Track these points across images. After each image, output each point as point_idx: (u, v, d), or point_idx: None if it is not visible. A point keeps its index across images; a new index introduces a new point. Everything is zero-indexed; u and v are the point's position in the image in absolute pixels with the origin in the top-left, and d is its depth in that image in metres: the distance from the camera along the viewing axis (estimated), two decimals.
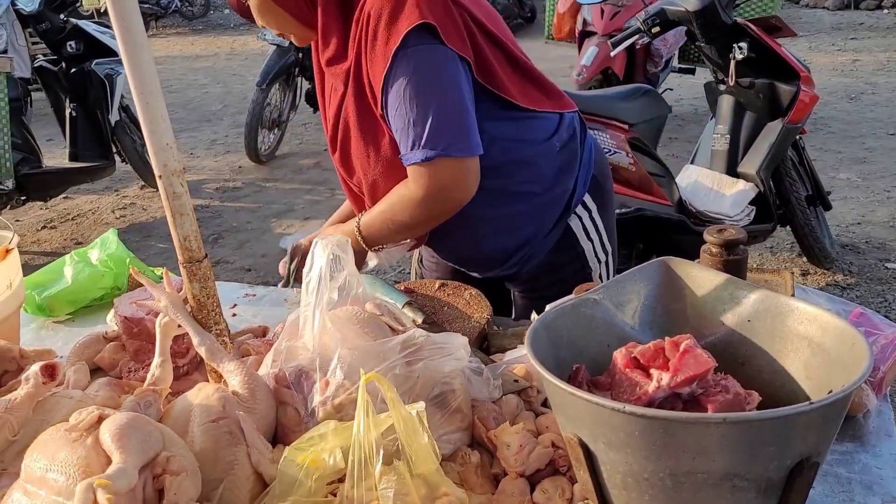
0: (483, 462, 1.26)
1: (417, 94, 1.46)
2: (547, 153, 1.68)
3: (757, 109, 3.68)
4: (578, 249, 1.80)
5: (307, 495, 1.07)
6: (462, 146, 1.49)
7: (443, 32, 1.45)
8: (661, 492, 0.81)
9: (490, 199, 1.64)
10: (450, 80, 1.48)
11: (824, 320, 0.93)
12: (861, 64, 8.73)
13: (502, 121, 1.61)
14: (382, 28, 1.46)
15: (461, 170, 1.52)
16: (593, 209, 1.80)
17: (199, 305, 1.30)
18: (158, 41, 13.52)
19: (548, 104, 1.68)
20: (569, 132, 1.72)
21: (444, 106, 1.47)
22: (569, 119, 1.74)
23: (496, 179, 1.64)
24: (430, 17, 1.44)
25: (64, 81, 5.23)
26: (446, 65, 1.47)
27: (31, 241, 5.23)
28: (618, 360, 0.92)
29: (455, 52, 1.47)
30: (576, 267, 1.81)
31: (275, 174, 6.23)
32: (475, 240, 1.75)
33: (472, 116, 1.51)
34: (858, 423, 1.35)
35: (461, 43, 1.49)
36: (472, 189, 1.56)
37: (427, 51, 1.45)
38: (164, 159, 1.18)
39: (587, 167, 1.78)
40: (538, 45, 9.74)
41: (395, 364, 1.25)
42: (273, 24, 1.64)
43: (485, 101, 1.56)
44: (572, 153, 1.73)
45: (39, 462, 1.01)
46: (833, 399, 0.76)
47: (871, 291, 3.82)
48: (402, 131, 1.51)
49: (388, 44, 1.46)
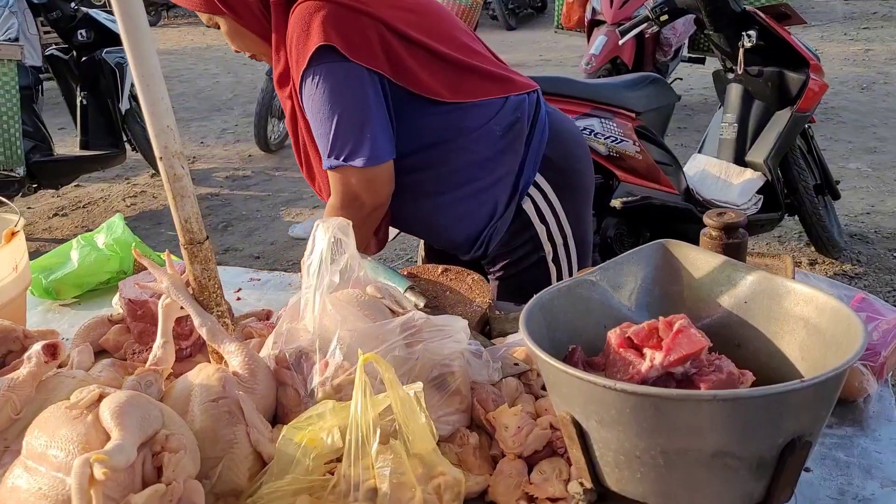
0: (482, 443, 1.27)
1: (321, 108, 1.58)
2: (484, 138, 1.73)
3: (765, 98, 3.66)
4: (532, 231, 1.83)
5: (304, 474, 1.08)
6: (363, 156, 1.60)
7: (346, 50, 1.54)
8: (652, 469, 0.81)
9: (437, 187, 1.74)
10: (354, 94, 1.58)
11: (820, 301, 0.93)
12: (874, 54, 8.65)
13: (432, 117, 1.68)
14: (295, 50, 1.58)
15: (365, 178, 1.63)
16: (548, 190, 1.82)
17: (201, 287, 1.31)
18: (170, 31, 13.55)
19: (485, 91, 1.72)
20: (513, 115, 1.76)
21: (345, 119, 1.58)
22: (514, 102, 1.77)
23: (437, 169, 1.73)
24: (333, 37, 1.53)
25: (75, 70, 5.26)
26: (348, 80, 1.57)
27: (43, 229, 5.27)
28: (612, 340, 0.92)
29: (361, 66, 1.56)
30: (529, 248, 1.84)
31: (284, 163, 6.24)
32: (440, 227, 1.83)
33: (381, 126, 1.61)
34: (858, 407, 1.34)
35: (370, 57, 1.57)
36: (382, 194, 1.67)
37: (331, 68, 1.56)
38: (165, 141, 1.18)
39: (537, 148, 1.80)
40: (548, 34, 9.71)
41: (394, 346, 1.26)
42: (244, 47, 1.75)
43: (411, 103, 1.65)
44: (517, 135, 1.76)
45: (40, 439, 1.03)
46: (825, 377, 0.76)
47: (879, 281, 3.80)
48: (318, 141, 1.64)
49: (298, 64, 1.58)
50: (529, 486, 1.16)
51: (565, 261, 1.88)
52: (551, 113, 1.88)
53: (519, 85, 1.79)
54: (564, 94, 3.19)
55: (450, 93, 1.68)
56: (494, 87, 1.74)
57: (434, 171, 1.74)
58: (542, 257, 1.85)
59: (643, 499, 0.85)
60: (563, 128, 1.89)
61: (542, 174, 1.82)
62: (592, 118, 3.26)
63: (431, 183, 1.76)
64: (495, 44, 8.17)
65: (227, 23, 1.69)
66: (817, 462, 1.22)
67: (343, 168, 1.62)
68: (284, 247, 4.74)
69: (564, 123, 1.92)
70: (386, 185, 1.67)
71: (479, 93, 1.72)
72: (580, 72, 5.68)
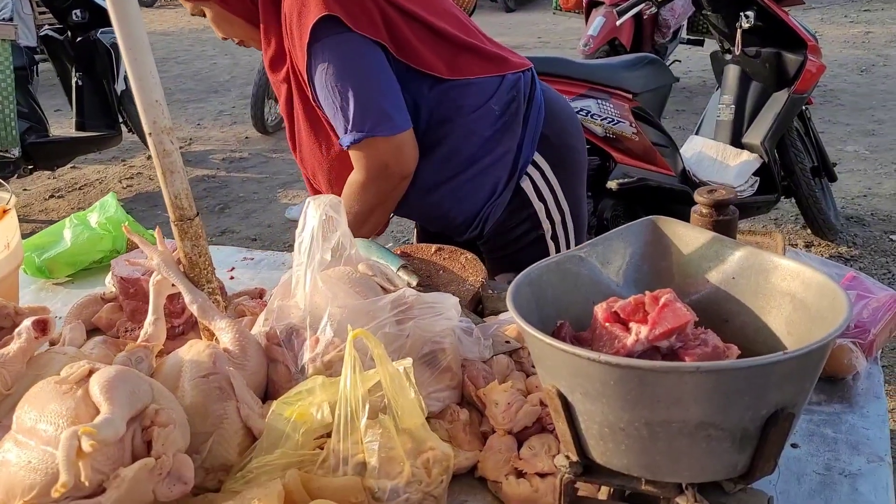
0: (472, 420, 1.27)
1: (337, 82, 1.55)
2: (484, 116, 1.72)
3: (763, 79, 3.65)
4: (531, 210, 1.83)
5: (294, 448, 1.09)
6: (387, 125, 1.59)
7: (349, 20, 1.52)
8: (636, 441, 0.81)
9: (437, 167, 1.73)
10: (365, 65, 1.57)
11: (806, 276, 0.93)
12: (874, 36, 8.61)
13: (431, 95, 1.67)
14: (295, 25, 1.55)
15: (393, 146, 1.61)
16: (546, 168, 1.82)
17: (191, 264, 1.31)
18: (167, 12, 13.47)
19: (482, 69, 1.71)
20: (510, 94, 1.75)
21: (363, 90, 1.56)
22: (511, 80, 1.76)
23: (438, 149, 1.71)
24: (335, 7, 1.51)
25: (70, 51, 5.22)
26: (358, 51, 1.55)
27: (39, 210, 5.26)
28: (598, 314, 0.92)
29: (366, 37, 1.54)
30: (528, 227, 1.84)
31: (281, 145, 6.22)
32: (439, 208, 1.81)
33: (394, 94, 1.60)
34: (847, 384, 1.35)
35: (372, 28, 1.55)
36: (410, 161, 1.65)
37: (337, 41, 1.54)
38: (154, 116, 1.18)
39: (534, 127, 1.80)
40: (547, 16, 9.66)
41: (384, 322, 1.26)
42: (231, 33, 1.73)
43: (412, 80, 1.63)
44: (514, 114, 1.76)
45: (30, 413, 1.03)
46: (807, 350, 0.77)
47: (874, 263, 3.80)
48: (334, 119, 1.61)
49: (302, 38, 1.54)
50: (518, 461, 1.16)
51: (563, 237, 1.89)
52: (545, 91, 1.88)
53: (514, 64, 1.79)
54: (561, 75, 3.18)
55: (448, 70, 1.66)
56: (491, 65, 1.74)
57: (436, 154, 1.73)
58: (541, 235, 1.86)
59: (627, 470, 0.86)
60: (558, 106, 1.89)
61: (539, 152, 1.82)
62: (589, 99, 3.25)
63: (433, 166, 1.74)
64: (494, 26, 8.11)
65: (212, 9, 1.67)
66: (805, 438, 1.23)
67: (370, 139, 1.59)
68: (281, 229, 4.74)
69: (559, 101, 1.92)
70: (414, 152, 1.65)
71: (476, 70, 1.71)
72: (578, 53, 5.66)
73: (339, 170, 1.73)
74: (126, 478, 0.97)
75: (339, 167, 1.73)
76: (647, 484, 0.88)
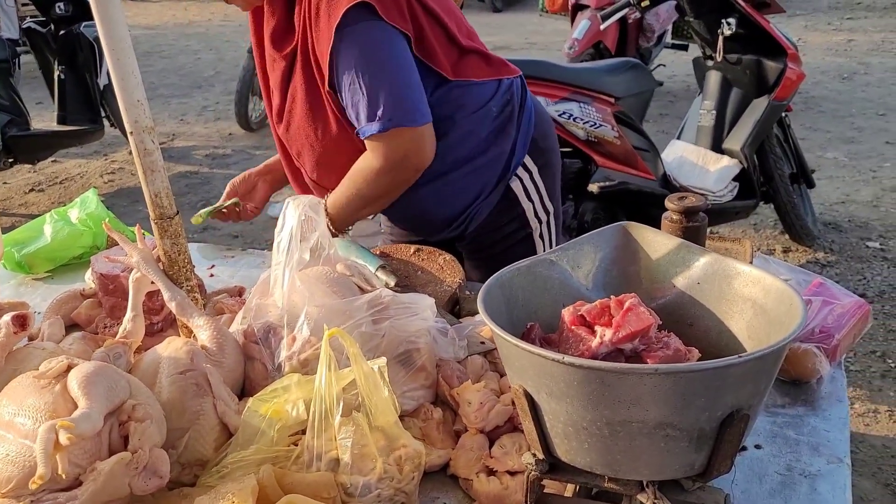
0: (445, 418, 1.30)
1: (367, 70, 1.55)
2: (483, 118, 1.75)
3: (744, 86, 3.70)
4: (519, 210, 1.86)
5: (269, 444, 1.11)
6: (415, 116, 1.59)
7: (381, 9, 1.52)
8: (598, 440, 0.84)
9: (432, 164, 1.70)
10: (396, 56, 1.57)
11: (767, 283, 0.97)
12: (856, 44, 8.71)
13: (437, 92, 1.68)
14: (324, 5, 1.54)
15: (417, 137, 1.61)
16: (534, 171, 1.86)
17: (171, 262, 1.33)
18: (152, 7, 13.38)
19: (484, 73, 1.75)
20: (505, 97, 1.79)
21: (394, 80, 1.57)
22: (506, 85, 1.80)
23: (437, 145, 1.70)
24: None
25: (52, 44, 5.19)
26: (390, 40, 1.56)
27: (19, 204, 5.23)
28: (565, 317, 0.95)
29: (395, 28, 1.55)
30: (516, 226, 1.88)
31: (265, 142, 6.21)
32: (423, 206, 1.82)
33: (419, 86, 1.60)
34: (811, 388, 1.39)
35: (401, 18, 1.56)
36: (429, 154, 1.65)
37: (370, 28, 1.53)
38: (136, 115, 1.20)
39: (526, 130, 1.84)
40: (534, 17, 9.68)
41: (361, 322, 1.28)
42: None
43: (422, 74, 1.63)
44: (509, 117, 1.80)
45: (8, 407, 1.05)
46: (761, 353, 0.80)
47: (850, 269, 3.86)
48: (357, 106, 1.59)
49: (330, 20, 1.53)
50: (490, 459, 1.19)
51: (548, 236, 1.94)
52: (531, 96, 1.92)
53: (509, 70, 1.83)
54: (543, 78, 3.21)
55: (453, 70, 1.69)
56: (491, 69, 1.78)
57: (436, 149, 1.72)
58: (529, 234, 1.90)
59: (591, 468, 0.89)
60: (540, 109, 1.95)
61: (528, 155, 1.86)
62: (571, 102, 3.28)
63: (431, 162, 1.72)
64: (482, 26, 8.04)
65: None
66: (768, 439, 1.26)
67: (397, 129, 1.58)
68: (263, 227, 4.74)
69: (540, 105, 1.97)
70: (433, 146, 1.65)
71: (479, 73, 1.74)
72: (563, 56, 5.69)
73: (330, 154, 1.73)
74: (102, 471, 0.99)
75: (332, 152, 1.72)
76: (610, 481, 0.91)
